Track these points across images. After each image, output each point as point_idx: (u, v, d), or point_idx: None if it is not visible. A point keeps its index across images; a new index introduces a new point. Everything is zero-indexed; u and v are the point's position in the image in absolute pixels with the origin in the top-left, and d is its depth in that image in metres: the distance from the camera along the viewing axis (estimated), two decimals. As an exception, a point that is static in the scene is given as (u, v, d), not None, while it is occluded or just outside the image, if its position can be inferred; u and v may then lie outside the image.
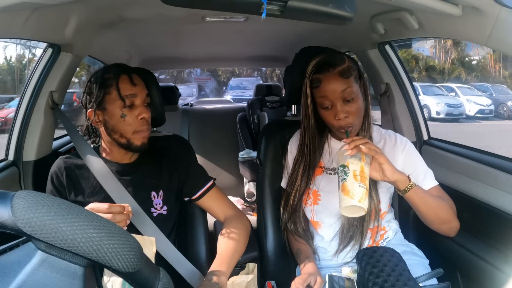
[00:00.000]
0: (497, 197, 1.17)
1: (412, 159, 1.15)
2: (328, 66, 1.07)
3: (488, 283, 1.11)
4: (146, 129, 1.11)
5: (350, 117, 1.07)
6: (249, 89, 13.36)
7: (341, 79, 1.05)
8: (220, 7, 0.76)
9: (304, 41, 1.89)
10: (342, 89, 1.05)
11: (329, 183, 1.17)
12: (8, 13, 0.91)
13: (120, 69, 1.10)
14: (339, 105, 1.06)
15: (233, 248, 1.09)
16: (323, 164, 1.22)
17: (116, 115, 1.07)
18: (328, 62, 1.07)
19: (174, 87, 2.97)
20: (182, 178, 1.18)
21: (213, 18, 1.58)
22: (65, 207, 0.45)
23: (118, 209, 0.94)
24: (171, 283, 0.53)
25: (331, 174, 1.19)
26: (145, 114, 1.09)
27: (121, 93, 1.06)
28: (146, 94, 1.12)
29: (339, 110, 1.06)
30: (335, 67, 1.06)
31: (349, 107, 1.07)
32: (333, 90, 1.06)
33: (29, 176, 1.38)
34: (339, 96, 1.06)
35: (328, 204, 1.16)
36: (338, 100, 1.06)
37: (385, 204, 1.17)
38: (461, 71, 20.62)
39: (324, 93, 1.07)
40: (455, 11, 0.91)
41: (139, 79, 1.11)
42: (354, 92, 1.06)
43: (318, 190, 1.18)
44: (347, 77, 1.06)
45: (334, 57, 1.09)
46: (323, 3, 0.73)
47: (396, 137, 1.18)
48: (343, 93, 1.05)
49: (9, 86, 17.16)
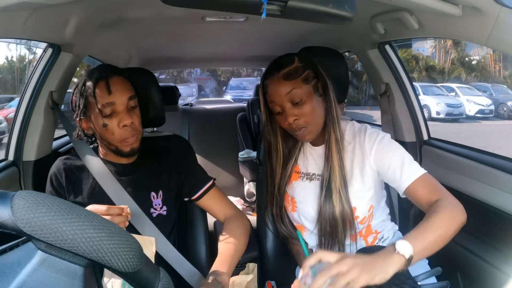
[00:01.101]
0: (497, 197, 1.17)
1: (384, 154, 1.04)
2: (274, 70, 1.05)
3: (488, 283, 1.11)
4: (132, 135, 1.06)
5: (301, 119, 1.04)
6: (249, 89, 13.35)
7: (285, 82, 1.02)
8: (220, 7, 0.76)
9: (304, 41, 1.89)
10: (286, 91, 1.02)
11: (303, 190, 1.15)
12: (8, 13, 0.91)
13: (99, 74, 1.04)
14: (288, 108, 1.04)
15: (233, 248, 1.09)
16: (299, 169, 1.19)
17: (99, 124, 1.04)
18: (275, 66, 1.06)
19: (174, 87, 2.98)
20: (181, 178, 1.18)
21: (213, 18, 1.58)
22: (65, 207, 0.45)
23: (116, 211, 0.94)
24: (171, 283, 0.53)
25: (304, 180, 1.16)
26: (127, 120, 1.04)
27: (98, 103, 1.01)
28: (130, 97, 1.05)
29: (288, 113, 1.04)
30: (280, 70, 1.04)
31: (299, 109, 1.03)
32: (278, 93, 1.03)
33: (29, 176, 1.38)
34: (285, 99, 1.03)
35: (303, 212, 1.15)
36: (286, 103, 1.03)
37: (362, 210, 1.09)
38: (461, 71, 20.63)
39: (271, 97, 1.05)
40: (455, 11, 0.91)
41: (121, 83, 1.05)
42: (302, 94, 1.02)
43: (294, 197, 1.17)
44: (292, 79, 1.02)
45: (281, 60, 1.07)
46: (323, 3, 0.73)
47: (365, 137, 1.08)
48: (289, 96, 1.02)
49: (9, 86, 17.16)
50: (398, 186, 1.02)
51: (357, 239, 1.10)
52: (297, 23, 1.48)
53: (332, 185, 1.06)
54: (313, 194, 1.12)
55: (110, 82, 1.03)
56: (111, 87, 1.02)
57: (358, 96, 19.59)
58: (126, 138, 1.05)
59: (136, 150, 1.09)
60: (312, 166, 1.16)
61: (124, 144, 1.06)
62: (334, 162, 1.06)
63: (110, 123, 1.03)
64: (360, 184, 1.08)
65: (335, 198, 1.05)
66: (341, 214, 1.05)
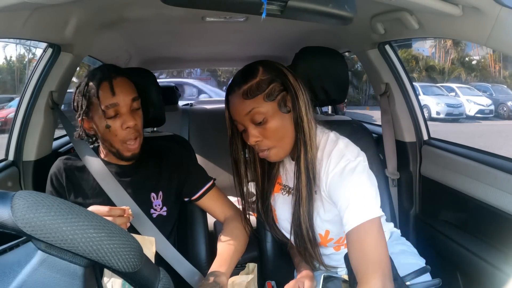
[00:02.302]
0: (497, 197, 1.17)
1: (338, 188, 0.90)
2: (235, 85, 0.94)
3: (488, 283, 1.11)
4: (134, 138, 1.06)
5: (264, 141, 0.94)
6: (249, 89, 13.32)
7: (245, 101, 0.91)
8: (220, 7, 0.76)
9: (304, 41, 1.89)
10: (246, 111, 0.92)
11: (282, 204, 1.09)
12: (8, 13, 0.91)
13: (102, 75, 1.03)
14: (250, 129, 0.94)
15: (233, 248, 1.09)
16: (281, 180, 1.12)
17: (102, 125, 1.03)
18: (237, 80, 0.94)
19: (174, 87, 2.97)
20: (181, 179, 1.18)
21: (213, 18, 1.58)
22: (65, 207, 0.45)
23: (118, 212, 0.94)
24: (171, 283, 0.53)
25: (284, 194, 1.09)
26: (130, 122, 1.03)
27: (101, 104, 1.01)
28: (133, 98, 1.05)
29: (250, 134, 0.94)
30: (241, 85, 0.92)
31: (262, 129, 0.93)
32: (238, 113, 0.94)
33: (29, 176, 1.38)
34: (245, 119, 0.93)
35: (282, 225, 1.12)
36: (248, 122, 0.93)
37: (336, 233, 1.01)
38: (461, 71, 20.62)
39: (232, 115, 0.97)
40: (455, 11, 0.91)
41: (124, 84, 1.04)
42: (264, 113, 0.91)
43: (275, 209, 1.12)
44: (252, 97, 0.91)
45: (244, 73, 0.95)
46: (323, 3, 0.73)
47: (330, 160, 0.92)
48: (249, 116, 0.92)
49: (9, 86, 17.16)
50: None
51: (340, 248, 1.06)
52: (297, 23, 1.48)
53: (300, 201, 0.97)
54: (289, 209, 1.04)
55: (114, 83, 1.02)
56: (115, 88, 1.02)
57: (358, 96, 19.57)
58: (128, 139, 1.05)
59: (136, 155, 1.09)
60: (290, 179, 1.05)
61: (126, 147, 1.06)
62: (302, 182, 0.95)
63: (113, 124, 1.03)
64: (332, 208, 0.96)
65: (303, 218, 0.97)
66: (307, 234, 0.99)
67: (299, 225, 0.99)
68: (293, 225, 1.01)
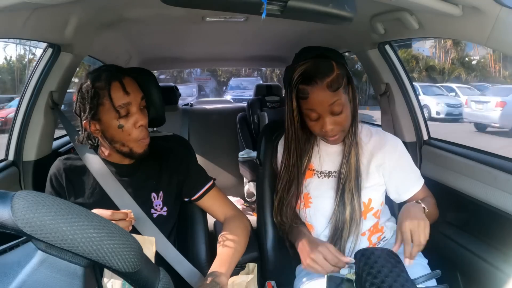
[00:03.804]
0: (497, 197, 1.17)
1: (404, 163, 1.16)
2: (315, 77, 0.99)
3: (488, 283, 1.11)
4: (147, 135, 1.07)
5: (337, 127, 1.05)
6: (249, 89, 13.35)
7: (330, 92, 0.99)
8: (220, 7, 0.76)
9: (304, 41, 1.88)
10: (330, 102, 1.00)
11: (319, 186, 1.17)
12: (8, 13, 0.91)
13: (110, 75, 1.02)
14: (327, 118, 1.03)
15: (233, 248, 1.09)
16: (313, 166, 1.20)
17: (113, 126, 1.02)
18: (316, 73, 1.00)
19: (174, 87, 2.97)
20: (182, 179, 1.18)
21: (213, 18, 1.58)
22: (65, 207, 0.45)
23: (121, 216, 0.94)
24: (171, 283, 0.53)
25: (320, 177, 1.18)
26: (143, 121, 1.04)
27: (115, 103, 1.00)
28: (141, 97, 1.06)
29: (326, 122, 1.03)
30: (323, 78, 0.99)
31: (337, 118, 1.03)
32: (321, 103, 1.00)
33: (29, 176, 1.38)
34: (327, 109, 1.01)
35: (319, 207, 1.16)
36: (326, 113, 1.02)
37: (377, 202, 1.15)
38: (461, 71, 20.63)
39: (311, 106, 1.02)
40: (455, 11, 0.91)
41: (133, 83, 1.05)
42: (342, 104, 1.02)
43: (309, 193, 1.18)
44: (336, 89, 1.00)
45: (321, 67, 1.01)
46: (323, 3, 0.73)
47: (387, 138, 1.18)
48: (331, 107, 1.01)
49: (9, 86, 17.16)
50: (396, 198, 1.19)
51: (360, 238, 1.13)
52: (297, 23, 1.48)
53: (346, 183, 1.10)
54: (331, 189, 1.14)
55: (124, 82, 1.02)
56: (127, 87, 1.02)
57: (358, 96, 19.54)
58: (142, 137, 1.06)
59: (147, 151, 1.10)
60: (327, 164, 1.18)
61: (139, 144, 1.06)
62: (352, 161, 1.10)
63: (126, 124, 1.03)
64: (377, 178, 1.14)
65: (347, 196, 1.09)
66: (349, 213, 1.09)
67: (343, 200, 1.10)
68: (338, 202, 1.11)
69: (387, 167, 1.14)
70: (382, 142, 1.16)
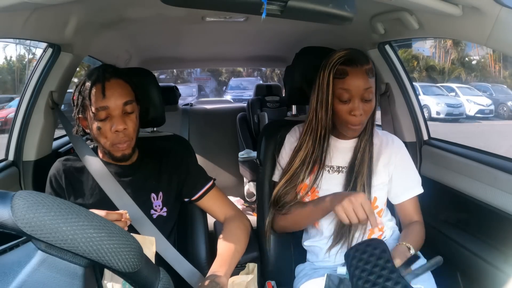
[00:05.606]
0: (497, 197, 1.17)
1: (407, 164, 1.21)
2: (357, 61, 1.06)
3: (488, 283, 1.11)
4: (123, 142, 1.04)
5: (363, 115, 1.08)
6: (249, 89, 13.35)
7: (367, 78, 1.06)
8: (220, 7, 0.76)
9: (304, 41, 1.89)
10: (365, 87, 1.06)
11: (328, 180, 1.18)
12: (8, 13, 0.91)
13: (97, 76, 1.02)
14: (357, 102, 1.07)
15: (233, 248, 1.09)
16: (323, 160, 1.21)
17: (94, 126, 1.04)
18: (357, 58, 1.07)
19: (174, 87, 2.97)
20: (182, 179, 1.18)
21: (213, 18, 1.58)
22: (65, 207, 0.45)
23: (115, 217, 0.93)
24: (171, 283, 0.53)
25: (329, 172, 1.19)
26: (120, 126, 1.01)
27: (92, 105, 1.01)
28: (126, 102, 1.03)
29: (357, 107, 1.07)
30: (363, 64, 1.06)
31: (366, 106, 1.08)
32: (358, 85, 1.06)
33: (29, 176, 1.38)
34: (360, 93, 1.06)
35: None
36: (358, 97, 1.07)
37: (382, 201, 1.18)
38: (461, 71, 20.64)
39: (348, 86, 1.06)
40: (455, 11, 0.91)
41: (117, 87, 1.03)
42: (373, 93, 1.08)
43: (317, 187, 1.18)
44: (372, 77, 1.07)
45: (361, 55, 1.09)
46: (323, 3, 0.73)
47: (392, 138, 1.24)
48: (365, 92, 1.06)
49: (9, 86, 17.16)
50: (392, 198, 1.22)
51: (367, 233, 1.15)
52: (297, 23, 1.48)
53: (358, 178, 1.13)
54: (339, 185, 1.16)
55: (106, 85, 1.01)
56: (106, 91, 1.01)
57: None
58: (117, 143, 1.05)
59: (127, 156, 1.08)
60: (337, 159, 1.19)
61: (116, 149, 1.06)
62: (365, 156, 1.14)
63: (103, 126, 1.03)
64: (383, 177, 1.17)
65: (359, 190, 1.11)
66: None
67: None
68: None
69: (392, 166, 1.18)
70: (388, 142, 1.21)
